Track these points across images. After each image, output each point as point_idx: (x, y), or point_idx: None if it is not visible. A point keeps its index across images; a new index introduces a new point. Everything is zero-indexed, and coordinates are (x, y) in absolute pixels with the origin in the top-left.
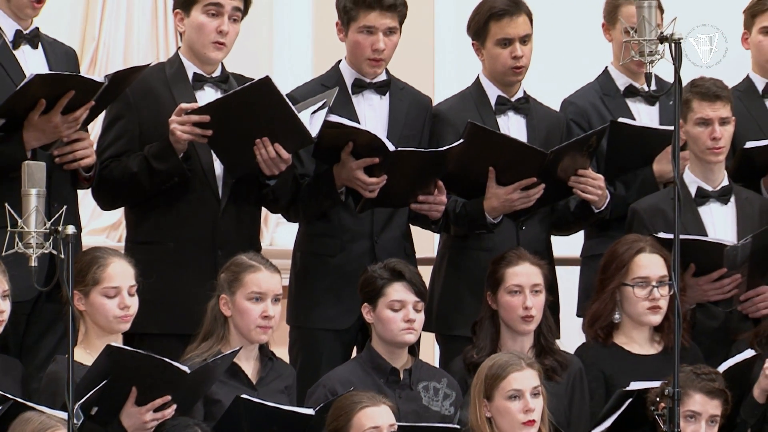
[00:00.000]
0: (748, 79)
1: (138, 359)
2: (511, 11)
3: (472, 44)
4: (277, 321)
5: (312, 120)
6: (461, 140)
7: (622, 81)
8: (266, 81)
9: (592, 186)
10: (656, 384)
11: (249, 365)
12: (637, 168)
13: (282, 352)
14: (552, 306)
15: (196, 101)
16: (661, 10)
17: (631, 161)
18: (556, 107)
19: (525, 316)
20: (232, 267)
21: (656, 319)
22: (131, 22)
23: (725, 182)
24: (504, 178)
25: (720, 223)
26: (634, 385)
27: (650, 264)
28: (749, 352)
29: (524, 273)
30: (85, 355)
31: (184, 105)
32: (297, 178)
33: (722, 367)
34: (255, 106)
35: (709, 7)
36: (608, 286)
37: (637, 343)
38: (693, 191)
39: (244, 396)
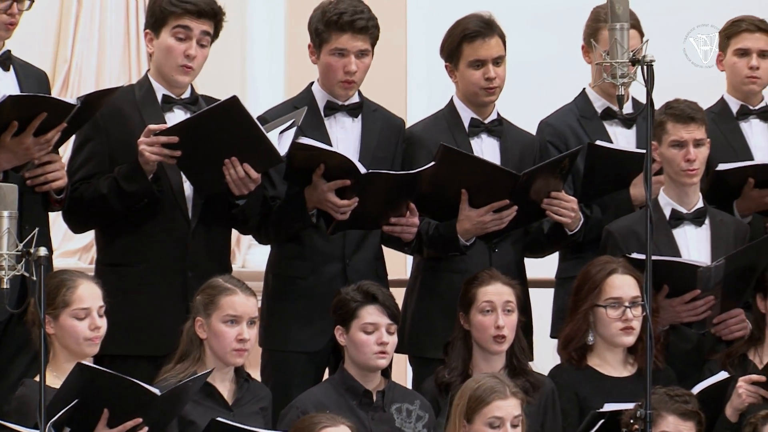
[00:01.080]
0: (722, 101)
1: (108, 379)
2: (484, 33)
3: (446, 66)
4: (253, 344)
5: (281, 139)
6: (433, 162)
7: (599, 103)
8: (233, 101)
9: (565, 208)
10: (629, 406)
11: (225, 387)
12: (614, 191)
13: (254, 374)
14: (525, 327)
15: (165, 123)
16: (641, 34)
17: (608, 184)
18: (531, 129)
19: (497, 335)
20: (208, 289)
21: (629, 340)
22: (103, 44)
23: (700, 204)
24: (477, 200)
25: (694, 246)
26: (608, 407)
27: (623, 285)
28: (722, 374)
29: (496, 292)
30: (53, 378)
31: (152, 126)
32: (267, 198)
33: (696, 389)
34: (223, 126)
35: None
36: (581, 307)
37: (611, 364)
38: (667, 213)
39: (219, 419)
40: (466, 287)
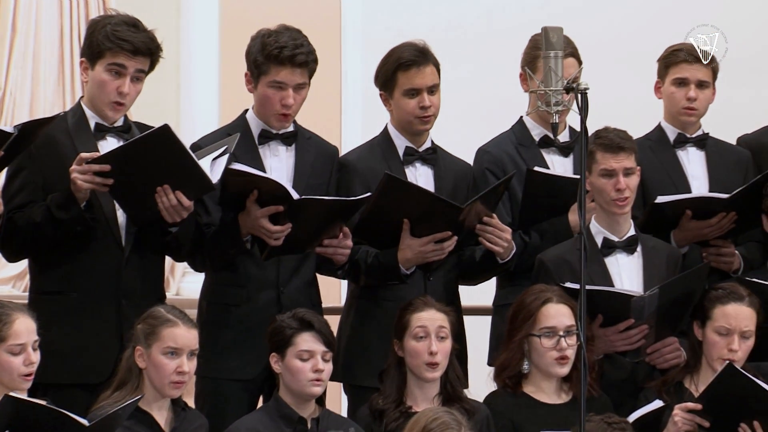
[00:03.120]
0: (659, 128)
1: (36, 410)
2: (419, 62)
3: (380, 95)
4: (192, 375)
5: (213, 166)
6: (369, 194)
7: (537, 131)
8: (165, 129)
9: (499, 237)
10: None
11: (162, 415)
12: (553, 216)
13: (189, 401)
14: (459, 355)
15: (98, 151)
16: (579, 62)
17: (546, 210)
18: (465, 157)
19: (430, 362)
20: (150, 319)
21: (563, 370)
22: (37, 71)
23: (631, 232)
24: (418, 229)
25: (626, 274)
26: None
27: (557, 314)
28: (657, 403)
29: (429, 318)
30: None
31: (84, 154)
32: (200, 225)
33: (631, 418)
34: (155, 154)
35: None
36: (516, 336)
37: (546, 392)
38: (599, 242)
39: None
40: (400, 313)
